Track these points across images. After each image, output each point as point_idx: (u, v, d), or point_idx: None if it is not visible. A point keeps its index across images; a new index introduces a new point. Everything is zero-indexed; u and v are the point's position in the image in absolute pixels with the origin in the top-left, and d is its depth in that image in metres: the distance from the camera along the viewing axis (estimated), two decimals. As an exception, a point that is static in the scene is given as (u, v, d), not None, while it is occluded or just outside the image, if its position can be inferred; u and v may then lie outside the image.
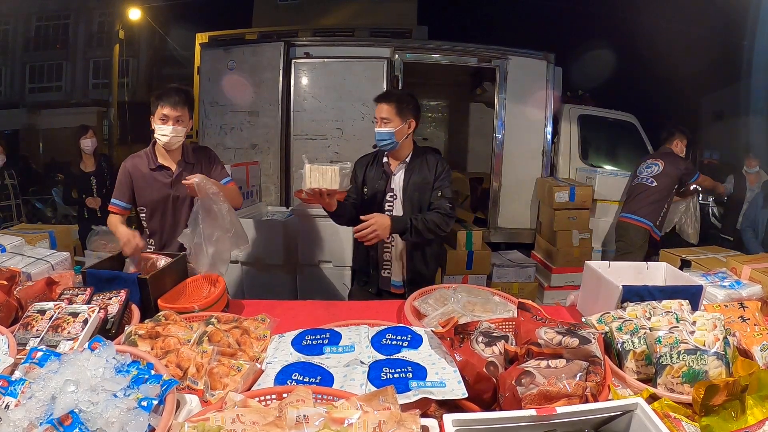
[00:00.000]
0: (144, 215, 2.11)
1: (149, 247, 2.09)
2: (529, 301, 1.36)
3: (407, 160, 2.13)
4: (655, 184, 3.64)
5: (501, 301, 1.64)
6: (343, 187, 1.92)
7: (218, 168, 2.19)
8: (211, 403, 1.04)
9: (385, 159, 2.16)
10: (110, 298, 1.43)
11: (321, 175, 1.86)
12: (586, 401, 0.98)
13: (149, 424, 0.85)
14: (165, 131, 1.95)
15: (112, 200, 2.07)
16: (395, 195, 2.12)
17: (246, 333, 1.31)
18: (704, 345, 1.16)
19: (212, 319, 1.33)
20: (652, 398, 1.10)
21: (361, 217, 1.92)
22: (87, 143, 4.00)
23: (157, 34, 13.31)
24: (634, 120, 4.97)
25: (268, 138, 4.23)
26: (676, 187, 3.70)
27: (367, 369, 1.10)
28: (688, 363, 1.13)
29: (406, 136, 2.09)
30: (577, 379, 1.01)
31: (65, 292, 1.48)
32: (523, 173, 4.53)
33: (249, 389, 1.07)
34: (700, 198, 4.44)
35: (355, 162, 2.26)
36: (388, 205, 2.14)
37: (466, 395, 1.01)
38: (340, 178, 1.87)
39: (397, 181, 2.12)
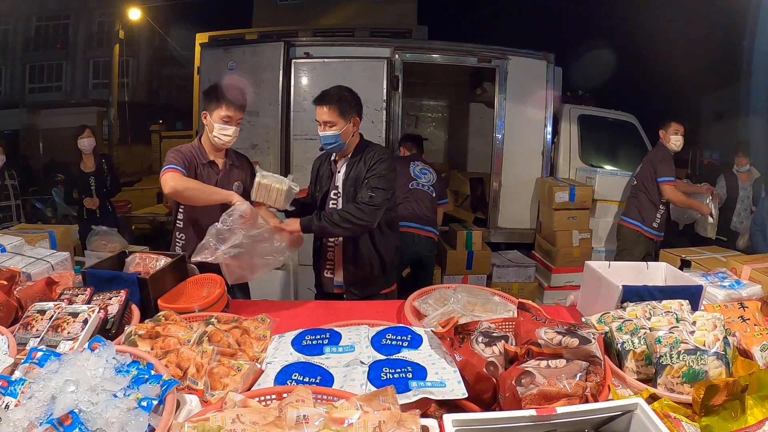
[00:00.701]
0: (182, 207, 2.08)
1: (178, 242, 2.09)
2: (529, 301, 1.36)
3: (349, 156, 2.10)
4: (635, 183, 3.67)
5: (501, 301, 1.64)
6: (285, 207, 1.92)
7: (251, 174, 2.18)
8: (211, 403, 1.04)
9: (333, 157, 2.15)
10: (110, 298, 1.43)
11: (267, 193, 1.88)
12: (586, 401, 0.98)
13: (149, 424, 0.85)
14: (228, 131, 2.00)
15: (175, 167, 1.89)
16: (339, 192, 2.10)
17: (246, 333, 1.31)
18: (704, 345, 1.16)
19: (212, 319, 1.33)
20: (652, 398, 1.10)
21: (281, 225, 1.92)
22: (84, 143, 4.00)
23: (157, 34, 13.31)
24: (634, 120, 4.97)
25: (268, 138, 4.23)
26: (653, 185, 3.51)
27: (367, 369, 1.10)
28: (688, 363, 1.13)
29: (353, 134, 2.07)
30: (577, 379, 1.01)
31: (65, 292, 1.48)
32: (523, 173, 4.53)
33: (249, 389, 1.07)
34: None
35: (313, 161, 2.29)
36: (332, 203, 2.12)
37: (466, 395, 1.01)
38: (285, 199, 1.88)
39: (340, 177, 2.11)
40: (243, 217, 1.72)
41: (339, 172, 2.11)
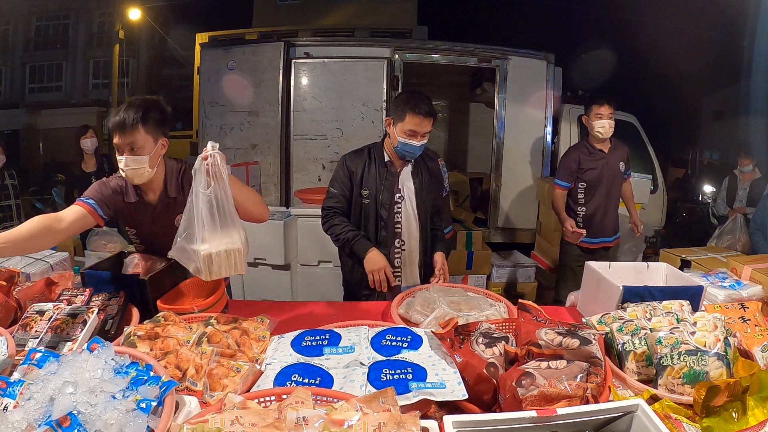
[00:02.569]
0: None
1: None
2: (530, 302, 1.36)
3: (412, 159, 2.02)
4: None
5: (477, 296, 1.67)
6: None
7: None
8: (210, 404, 1.03)
9: (387, 158, 2.00)
10: (109, 299, 1.43)
11: (220, 264, 1.37)
12: (587, 402, 0.97)
13: (148, 426, 0.84)
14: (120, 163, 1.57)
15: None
16: (403, 197, 2.00)
17: (245, 334, 1.30)
18: (705, 346, 1.16)
19: (211, 320, 1.33)
20: (653, 399, 1.10)
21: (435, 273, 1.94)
22: (87, 143, 4.00)
23: (157, 34, 13.31)
24: (634, 120, 4.97)
25: (268, 138, 4.23)
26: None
27: (366, 370, 1.10)
28: (689, 364, 1.12)
29: None
30: (578, 380, 1.01)
31: (64, 292, 1.47)
32: (523, 173, 4.53)
33: (248, 390, 1.07)
34: (701, 197, 4.44)
35: (345, 159, 2.05)
36: (397, 208, 2.00)
37: (467, 396, 1.01)
38: (245, 257, 1.42)
39: (406, 183, 2.00)
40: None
41: (401, 174, 2.00)
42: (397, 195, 2.00)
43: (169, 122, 1.63)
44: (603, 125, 2.80)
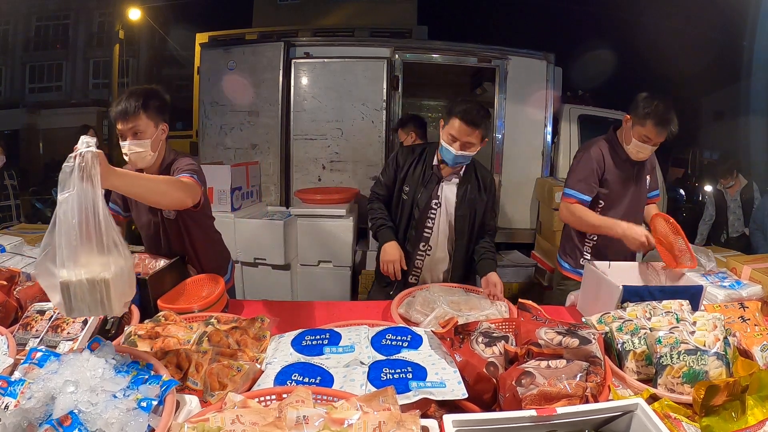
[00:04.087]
0: None
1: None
2: (529, 302, 1.36)
3: (462, 171, 1.97)
4: None
5: (477, 296, 1.68)
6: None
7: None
8: (210, 403, 1.03)
9: (435, 162, 1.96)
10: (110, 299, 1.43)
11: (83, 296, 0.96)
12: (587, 402, 0.98)
13: (149, 425, 0.84)
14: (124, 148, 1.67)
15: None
16: (440, 203, 1.97)
17: (246, 333, 1.30)
18: (704, 345, 1.16)
19: (212, 320, 1.33)
20: (653, 398, 1.10)
21: (483, 289, 1.83)
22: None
23: (157, 34, 13.32)
24: (634, 120, 4.97)
25: (268, 138, 4.23)
26: None
27: (367, 369, 1.10)
28: (689, 363, 1.12)
29: None
30: (578, 379, 1.01)
31: (65, 292, 1.47)
32: (523, 173, 4.53)
33: (249, 390, 1.07)
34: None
35: (398, 152, 2.06)
36: (431, 213, 1.98)
37: (466, 396, 1.01)
38: (126, 285, 1.01)
39: (448, 192, 1.97)
40: None
41: (446, 183, 1.97)
42: (435, 201, 1.97)
43: (168, 109, 1.69)
44: (645, 150, 2.01)
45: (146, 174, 1.62)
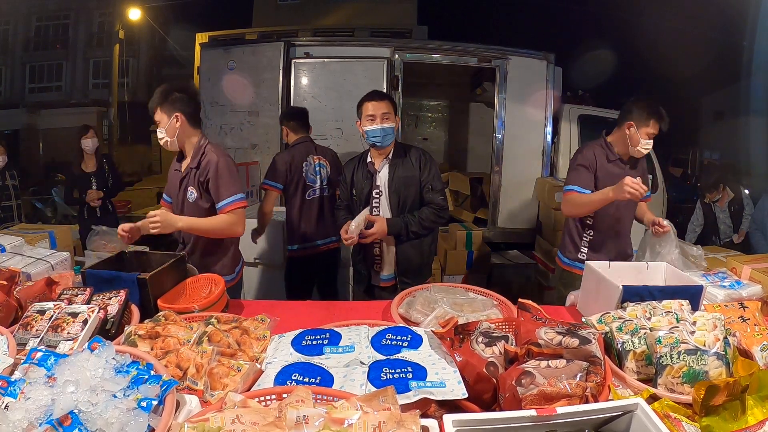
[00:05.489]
0: None
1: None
2: (530, 301, 1.36)
3: (390, 156, 2.17)
4: None
5: (479, 297, 1.67)
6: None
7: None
8: (210, 403, 1.04)
9: (369, 159, 2.21)
10: (110, 299, 1.43)
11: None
12: (587, 401, 0.98)
13: (149, 425, 0.84)
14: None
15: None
16: (381, 191, 2.17)
17: (246, 333, 1.31)
18: (704, 345, 1.16)
19: (212, 320, 1.33)
20: (653, 398, 1.10)
21: (363, 231, 2.03)
22: (88, 143, 4.00)
23: (157, 34, 13.33)
24: (634, 120, 4.97)
25: (268, 138, 4.23)
26: None
27: (367, 369, 1.10)
28: (689, 363, 1.12)
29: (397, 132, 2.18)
30: (578, 379, 1.01)
31: (65, 292, 1.48)
32: (523, 173, 4.53)
33: (249, 389, 1.07)
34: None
35: (344, 165, 2.35)
36: (375, 202, 2.18)
37: (466, 395, 1.01)
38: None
39: (382, 178, 2.17)
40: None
41: (379, 172, 2.17)
42: (375, 191, 2.18)
43: (183, 99, 2.01)
44: (648, 146, 2.14)
45: (200, 219, 1.95)
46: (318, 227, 2.92)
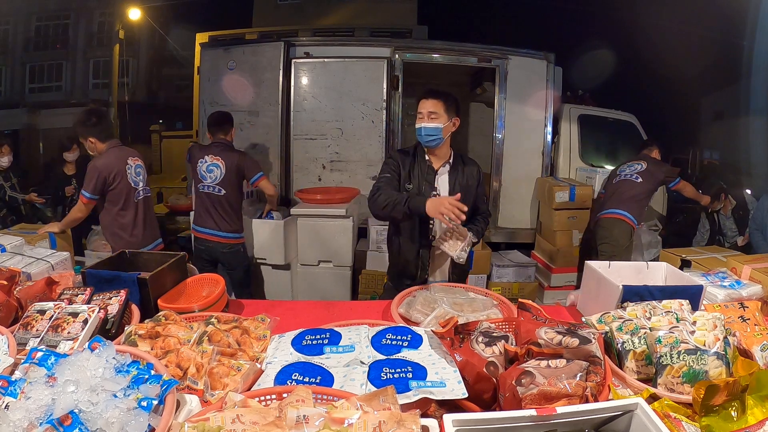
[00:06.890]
0: None
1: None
2: (530, 301, 1.36)
3: (450, 161, 2.12)
4: (640, 180, 3.66)
5: (480, 297, 1.67)
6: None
7: None
8: (211, 403, 1.04)
9: (426, 157, 2.10)
10: (110, 298, 1.43)
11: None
12: (587, 401, 0.98)
13: (149, 425, 0.84)
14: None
15: None
16: (438, 194, 2.08)
17: (246, 333, 1.31)
18: (704, 345, 1.16)
19: (212, 319, 1.33)
20: (653, 398, 1.10)
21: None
22: (69, 156, 4.26)
23: (157, 34, 13.30)
24: (634, 120, 4.97)
25: (268, 138, 4.23)
26: (657, 188, 3.79)
27: (367, 369, 1.10)
28: (689, 363, 1.12)
29: (449, 134, 2.08)
30: (578, 379, 1.01)
31: (65, 292, 1.48)
32: (523, 173, 4.53)
33: (249, 389, 1.07)
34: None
35: (396, 152, 2.18)
36: None
37: (466, 395, 1.01)
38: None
39: (442, 181, 2.10)
40: None
41: (439, 174, 2.10)
42: (434, 192, 2.07)
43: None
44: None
45: None
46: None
